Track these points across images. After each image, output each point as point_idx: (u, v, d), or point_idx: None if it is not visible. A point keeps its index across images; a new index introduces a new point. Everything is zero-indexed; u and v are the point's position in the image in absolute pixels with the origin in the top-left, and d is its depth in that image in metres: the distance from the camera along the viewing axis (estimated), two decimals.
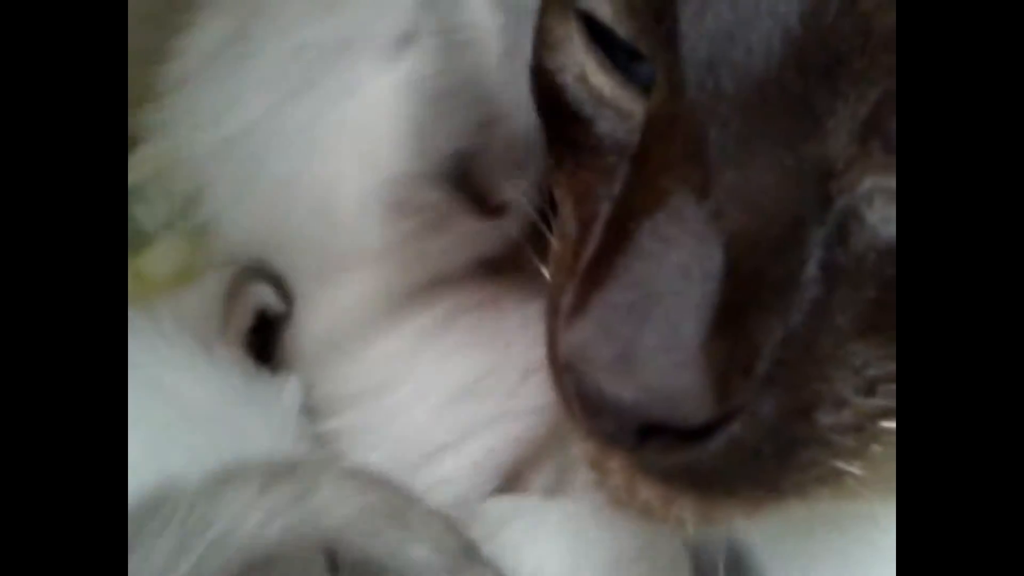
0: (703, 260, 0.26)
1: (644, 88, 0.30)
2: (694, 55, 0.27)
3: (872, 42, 0.26)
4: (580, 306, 0.27)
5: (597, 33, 0.31)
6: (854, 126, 0.27)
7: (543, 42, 0.34)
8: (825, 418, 0.28)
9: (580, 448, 0.31)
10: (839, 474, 0.29)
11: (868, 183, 0.27)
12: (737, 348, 0.26)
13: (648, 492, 0.29)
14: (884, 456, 0.30)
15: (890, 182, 0.27)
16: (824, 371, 0.28)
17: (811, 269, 0.27)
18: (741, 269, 0.26)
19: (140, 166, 0.41)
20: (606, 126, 0.31)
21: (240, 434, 0.36)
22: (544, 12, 0.34)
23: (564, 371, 0.27)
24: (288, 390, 0.38)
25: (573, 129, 0.32)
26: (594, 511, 0.37)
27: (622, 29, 0.30)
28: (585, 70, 0.32)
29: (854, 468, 0.29)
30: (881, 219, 0.27)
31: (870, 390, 0.28)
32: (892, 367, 0.28)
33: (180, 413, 0.36)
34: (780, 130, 0.27)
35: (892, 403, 0.29)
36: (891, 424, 0.29)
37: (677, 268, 0.26)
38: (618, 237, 0.27)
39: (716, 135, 0.27)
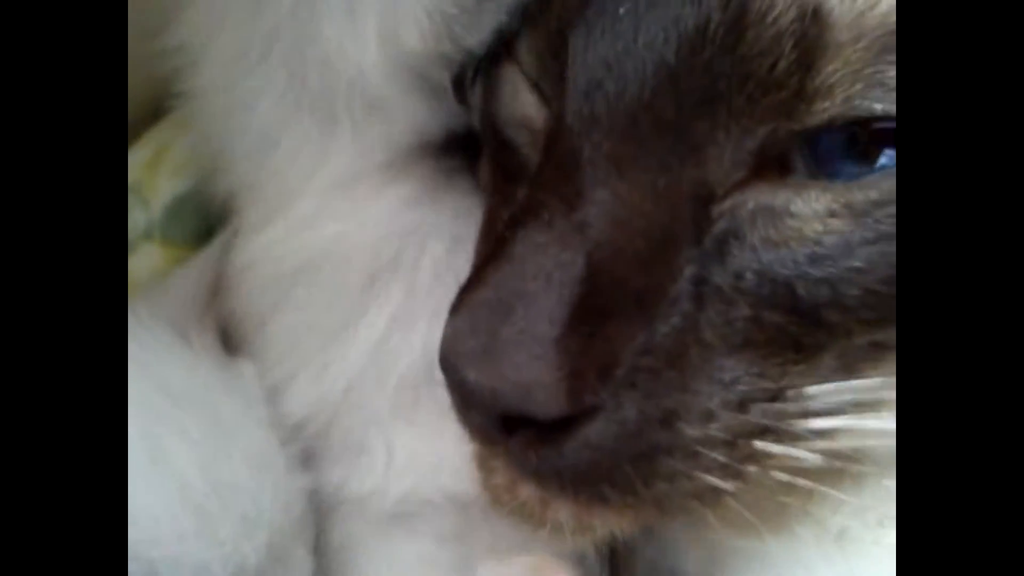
0: (565, 265, 0.28)
1: None
2: (575, 84, 0.30)
3: (751, 83, 0.28)
4: (455, 305, 0.29)
5: None
6: (740, 156, 0.29)
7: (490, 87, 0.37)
8: (690, 429, 0.29)
9: (470, 447, 0.33)
10: (715, 492, 0.30)
11: (752, 205, 0.29)
12: (593, 348, 0.28)
13: (527, 493, 0.31)
14: (765, 479, 0.31)
15: (776, 202, 0.29)
16: (689, 383, 0.29)
17: (682, 284, 0.29)
18: (603, 277, 0.28)
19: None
20: (525, 151, 0.34)
21: (219, 419, 0.39)
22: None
23: (442, 365, 0.30)
24: (249, 375, 0.40)
25: (504, 157, 0.35)
26: None
27: (532, 72, 0.33)
28: (523, 101, 0.35)
29: (727, 485, 0.30)
30: (762, 239, 0.29)
31: (741, 406, 0.29)
32: (766, 385, 0.29)
33: (170, 397, 0.38)
34: (653, 154, 0.29)
35: (768, 423, 0.30)
36: (767, 446, 0.30)
37: (540, 271, 0.28)
38: (498, 246, 0.30)
39: (589, 156, 0.29)
